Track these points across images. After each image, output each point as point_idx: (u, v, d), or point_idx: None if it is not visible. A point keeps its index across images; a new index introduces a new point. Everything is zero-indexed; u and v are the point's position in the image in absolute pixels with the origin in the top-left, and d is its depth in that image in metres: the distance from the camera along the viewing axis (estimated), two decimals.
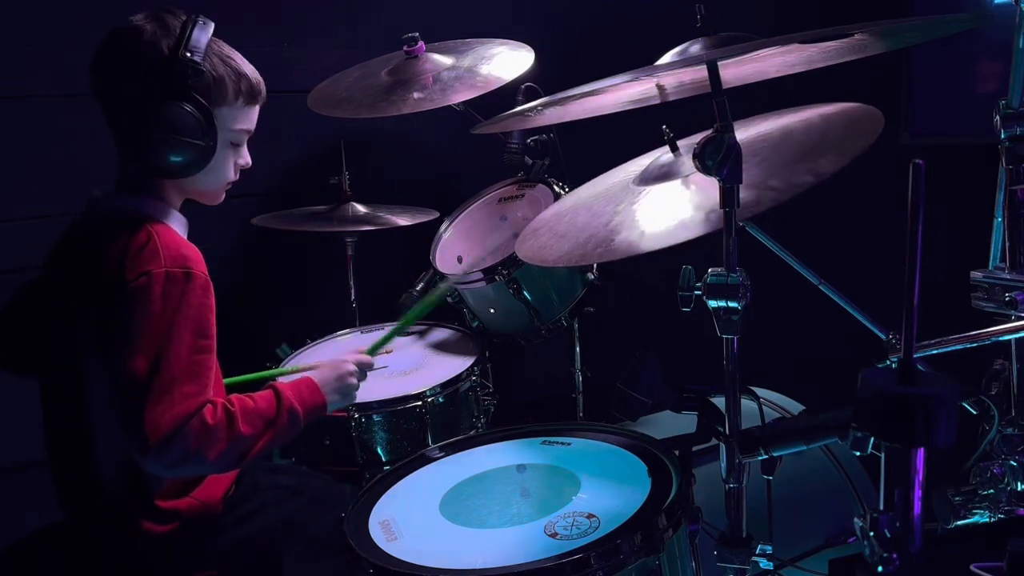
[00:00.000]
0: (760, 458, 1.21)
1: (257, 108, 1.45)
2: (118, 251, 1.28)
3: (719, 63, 1.22)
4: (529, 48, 2.12)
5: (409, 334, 2.20)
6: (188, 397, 1.23)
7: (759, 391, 1.81)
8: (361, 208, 2.30)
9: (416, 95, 2.06)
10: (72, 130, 1.37)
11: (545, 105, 1.33)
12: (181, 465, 1.23)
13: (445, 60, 2.15)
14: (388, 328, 1.70)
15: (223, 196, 1.49)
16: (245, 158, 1.47)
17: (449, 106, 2.11)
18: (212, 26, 1.36)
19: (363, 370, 1.57)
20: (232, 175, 1.46)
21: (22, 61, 1.98)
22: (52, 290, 1.41)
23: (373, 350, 1.65)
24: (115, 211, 1.37)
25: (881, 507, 0.97)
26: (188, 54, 1.31)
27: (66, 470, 1.41)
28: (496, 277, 1.95)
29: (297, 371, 1.71)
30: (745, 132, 1.55)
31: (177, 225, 1.40)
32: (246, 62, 1.42)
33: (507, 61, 2.09)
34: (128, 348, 1.23)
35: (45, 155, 2.02)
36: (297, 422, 1.36)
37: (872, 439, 0.98)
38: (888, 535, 0.93)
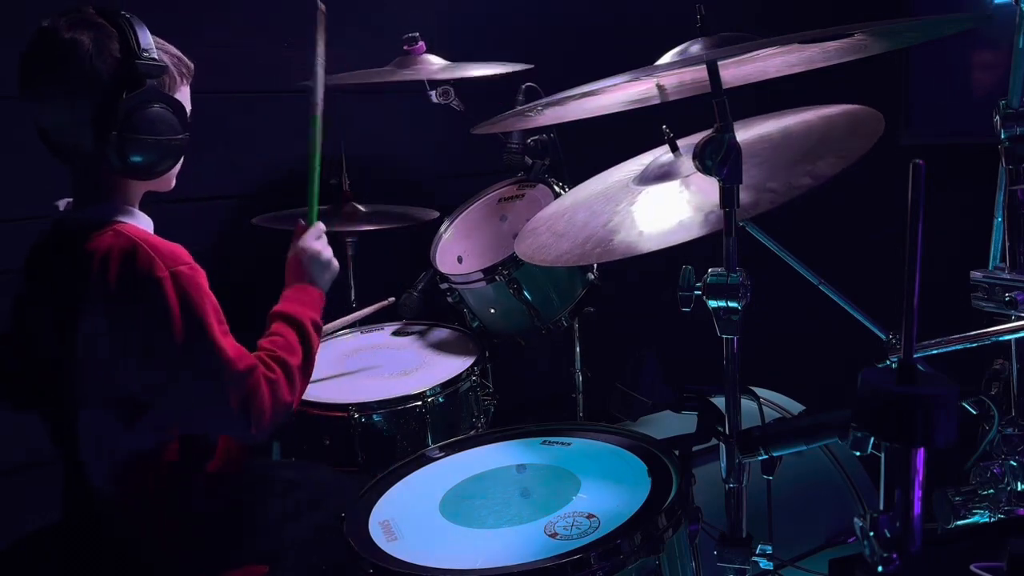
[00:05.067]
0: (760, 458, 1.21)
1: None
2: (101, 264, 1.26)
3: (719, 63, 1.22)
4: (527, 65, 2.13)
5: (409, 334, 2.20)
6: (246, 371, 1.29)
7: (759, 391, 1.81)
8: (361, 208, 2.30)
9: (402, 70, 2.09)
10: None
11: (545, 105, 1.33)
12: (274, 422, 1.33)
13: (444, 61, 2.16)
14: (310, 192, 1.67)
15: (174, 181, 1.46)
16: None
17: (449, 107, 2.11)
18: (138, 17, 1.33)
19: (319, 238, 1.61)
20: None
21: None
22: (37, 316, 1.38)
23: (310, 217, 1.64)
24: (86, 224, 1.33)
25: (881, 507, 0.97)
26: (146, 53, 1.29)
27: (71, 476, 1.40)
28: (496, 277, 1.95)
29: None
30: (745, 133, 1.55)
31: (146, 226, 1.38)
32: (170, 44, 1.41)
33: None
34: (179, 352, 1.26)
35: (45, 155, 2.02)
36: (319, 327, 1.47)
37: (872, 439, 0.98)
38: (888, 535, 0.93)
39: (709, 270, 1.23)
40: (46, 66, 1.31)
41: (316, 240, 1.60)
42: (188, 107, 1.41)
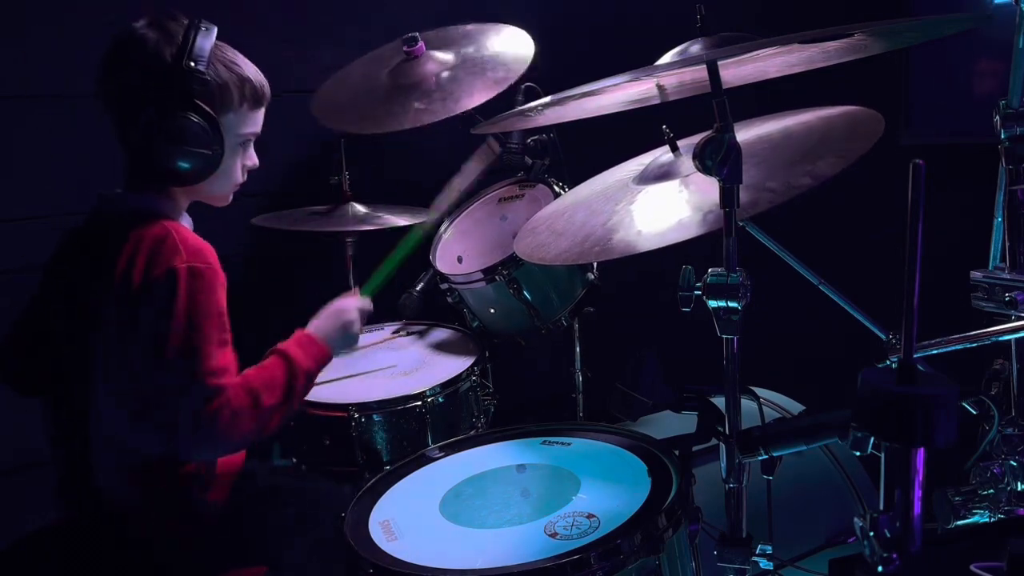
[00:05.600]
0: (760, 458, 1.21)
1: (263, 110, 1.45)
2: (132, 248, 1.29)
3: (719, 63, 1.22)
4: (528, 38, 2.12)
5: (409, 334, 2.20)
6: (217, 387, 1.26)
7: (759, 391, 1.81)
8: (361, 208, 2.30)
9: (417, 105, 2.07)
10: (72, 130, 1.37)
11: (545, 105, 1.33)
12: (216, 449, 1.30)
13: (445, 57, 2.15)
14: (381, 269, 1.74)
15: (231, 197, 1.50)
16: (252, 159, 1.48)
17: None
18: (215, 31, 1.35)
19: (364, 313, 1.60)
20: (240, 177, 1.47)
21: (23, 61, 1.98)
22: (62, 296, 1.41)
23: (367, 291, 1.66)
24: (128, 210, 1.37)
25: (881, 507, 0.97)
26: (192, 63, 1.30)
27: (72, 474, 1.41)
28: (496, 277, 1.95)
29: None
30: (745, 134, 1.55)
31: (187, 224, 1.41)
32: (250, 64, 1.42)
33: (508, 54, 2.11)
34: (157, 345, 1.25)
35: (45, 155, 2.02)
36: (311, 381, 1.41)
37: (872, 439, 0.98)
38: (888, 535, 0.93)
39: (709, 270, 1.23)
40: (116, 54, 1.35)
41: (357, 311, 1.58)
42: (248, 130, 1.43)
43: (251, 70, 1.42)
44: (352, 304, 1.58)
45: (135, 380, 1.27)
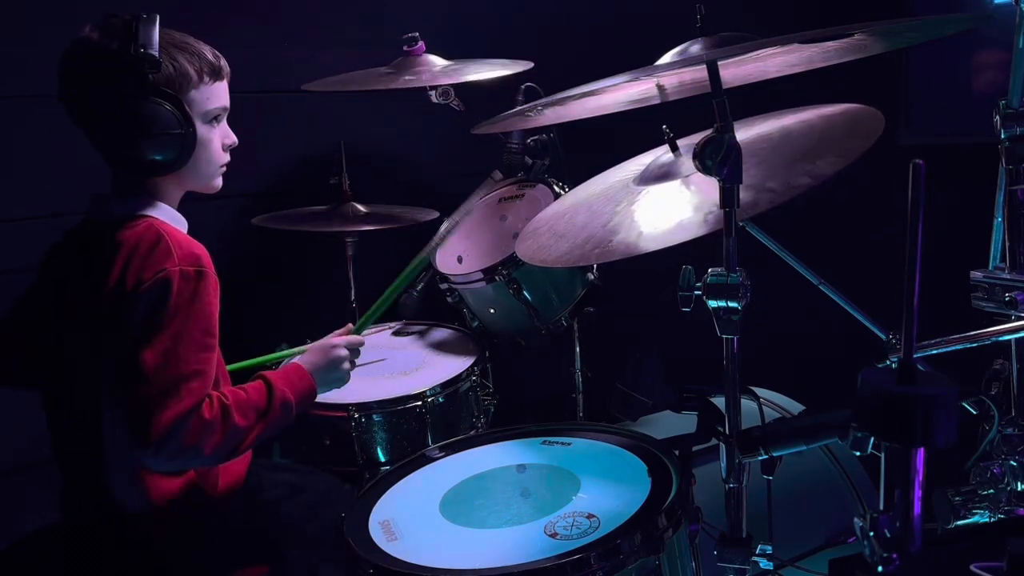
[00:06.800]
0: (760, 458, 1.21)
1: (224, 84, 1.44)
2: (128, 252, 1.29)
3: (719, 63, 1.22)
4: (527, 63, 2.13)
5: (409, 334, 2.20)
6: (191, 394, 1.24)
7: (759, 391, 1.81)
8: (361, 208, 2.30)
9: (407, 77, 2.08)
10: (72, 130, 1.38)
11: (545, 105, 1.33)
12: (178, 459, 1.25)
13: (444, 61, 2.16)
14: (374, 305, 1.70)
15: (220, 182, 1.48)
16: (230, 136, 1.47)
17: (449, 106, 2.11)
18: (157, 18, 1.34)
19: (354, 350, 1.58)
20: (222, 156, 1.46)
21: (23, 61, 1.98)
22: (58, 294, 1.41)
23: (360, 328, 1.64)
24: (118, 214, 1.37)
25: (881, 507, 0.97)
26: (142, 49, 1.30)
27: (75, 474, 1.41)
28: (496, 277, 1.95)
29: (292, 354, 1.73)
30: (745, 133, 1.55)
31: (178, 224, 1.40)
32: (200, 42, 1.41)
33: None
34: (140, 345, 1.24)
35: (45, 155, 2.02)
36: (289, 411, 1.37)
37: (872, 439, 0.98)
38: (888, 535, 0.93)
39: (709, 270, 1.23)
40: (67, 67, 1.35)
41: (349, 350, 1.57)
42: (215, 105, 1.41)
43: (202, 46, 1.41)
44: (342, 341, 1.57)
45: (121, 380, 1.26)
